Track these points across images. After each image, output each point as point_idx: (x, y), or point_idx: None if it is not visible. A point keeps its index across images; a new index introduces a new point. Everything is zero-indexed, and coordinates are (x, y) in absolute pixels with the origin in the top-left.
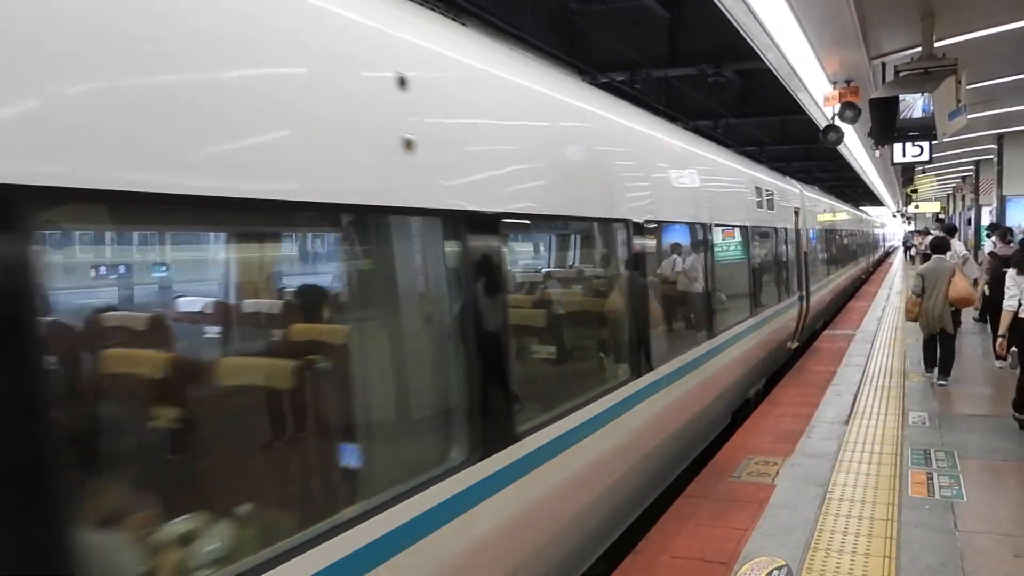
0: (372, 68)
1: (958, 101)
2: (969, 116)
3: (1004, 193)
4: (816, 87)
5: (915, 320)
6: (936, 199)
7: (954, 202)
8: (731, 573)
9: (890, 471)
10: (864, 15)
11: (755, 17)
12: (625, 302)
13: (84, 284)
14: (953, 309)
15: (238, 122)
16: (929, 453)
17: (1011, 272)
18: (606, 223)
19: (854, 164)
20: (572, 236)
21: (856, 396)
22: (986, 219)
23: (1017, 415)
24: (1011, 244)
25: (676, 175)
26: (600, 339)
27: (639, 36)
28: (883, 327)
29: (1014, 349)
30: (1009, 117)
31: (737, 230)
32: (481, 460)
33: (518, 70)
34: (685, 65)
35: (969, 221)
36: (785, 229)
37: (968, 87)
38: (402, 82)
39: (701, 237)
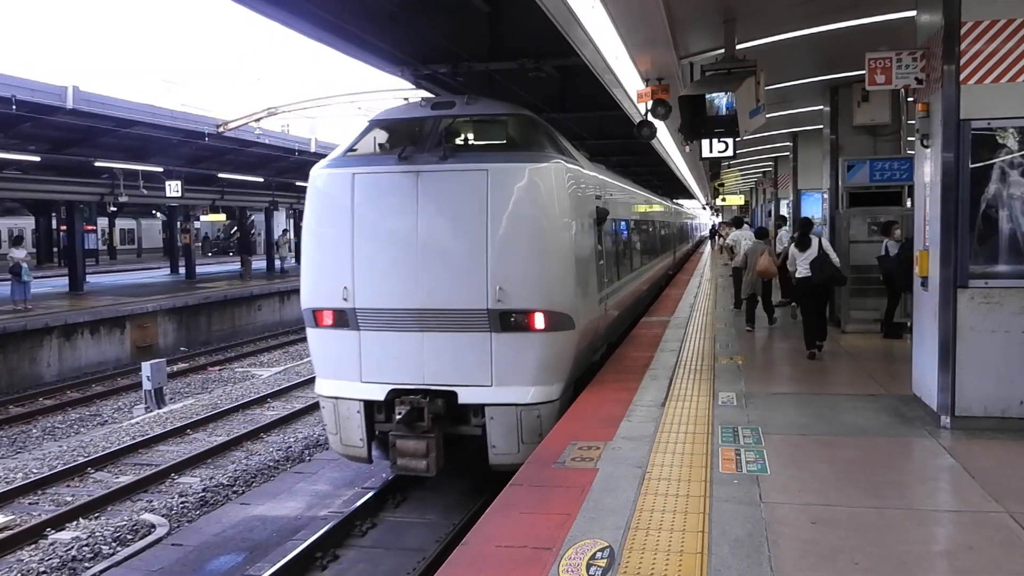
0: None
1: (757, 100)
2: (768, 115)
3: (799, 187)
4: (630, 84)
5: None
6: (740, 192)
7: (756, 195)
8: (556, 558)
9: (703, 449)
10: (673, 17)
11: (572, 14)
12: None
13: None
14: (764, 280)
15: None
16: (737, 431)
17: (792, 247)
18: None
19: (667, 158)
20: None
21: (671, 379)
22: (784, 211)
23: (808, 350)
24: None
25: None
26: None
27: (460, 29)
28: (695, 314)
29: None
30: (802, 117)
31: (679, 224)
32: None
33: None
34: (506, 59)
35: (769, 213)
36: (669, 224)
37: (766, 88)
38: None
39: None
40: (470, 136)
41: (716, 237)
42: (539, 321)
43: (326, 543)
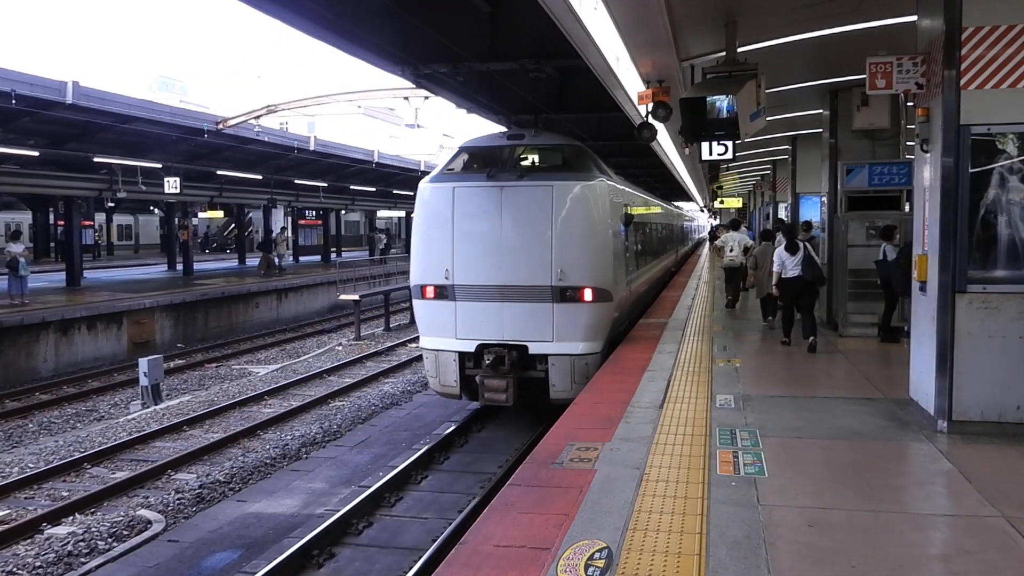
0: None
1: (758, 103)
2: (767, 119)
3: (797, 191)
4: (631, 86)
5: (753, 287)
6: (739, 195)
7: (754, 198)
8: (554, 558)
9: (701, 451)
10: (674, 20)
11: (574, 15)
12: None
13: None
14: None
15: (666, 219)
16: (735, 433)
17: (779, 250)
18: (676, 224)
19: (666, 160)
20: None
21: (669, 381)
22: (782, 214)
23: (784, 338)
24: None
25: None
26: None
27: (461, 29)
28: (693, 316)
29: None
30: (801, 120)
31: (680, 226)
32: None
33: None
34: (506, 60)
35: (768, 216)
36: (673, 226)
37: (767, 91)
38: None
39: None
40: (536, 160)
41: (714, 240)
42: (588, 295)
43: (322, 541)
